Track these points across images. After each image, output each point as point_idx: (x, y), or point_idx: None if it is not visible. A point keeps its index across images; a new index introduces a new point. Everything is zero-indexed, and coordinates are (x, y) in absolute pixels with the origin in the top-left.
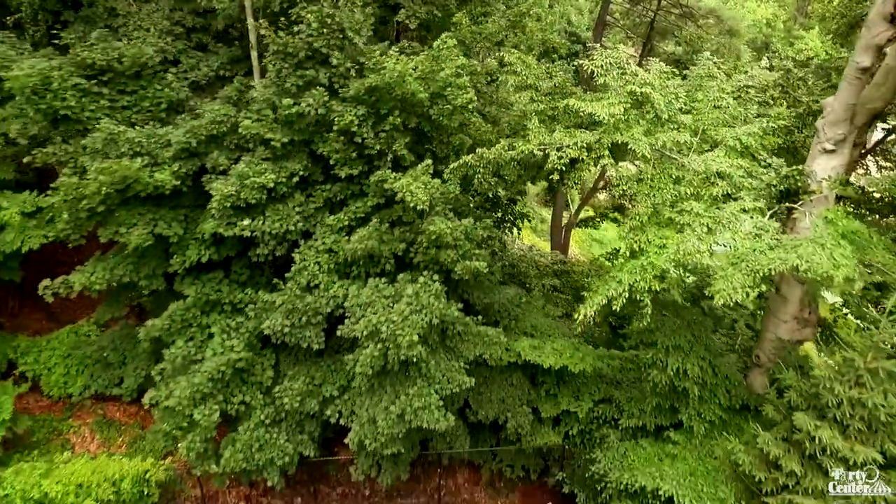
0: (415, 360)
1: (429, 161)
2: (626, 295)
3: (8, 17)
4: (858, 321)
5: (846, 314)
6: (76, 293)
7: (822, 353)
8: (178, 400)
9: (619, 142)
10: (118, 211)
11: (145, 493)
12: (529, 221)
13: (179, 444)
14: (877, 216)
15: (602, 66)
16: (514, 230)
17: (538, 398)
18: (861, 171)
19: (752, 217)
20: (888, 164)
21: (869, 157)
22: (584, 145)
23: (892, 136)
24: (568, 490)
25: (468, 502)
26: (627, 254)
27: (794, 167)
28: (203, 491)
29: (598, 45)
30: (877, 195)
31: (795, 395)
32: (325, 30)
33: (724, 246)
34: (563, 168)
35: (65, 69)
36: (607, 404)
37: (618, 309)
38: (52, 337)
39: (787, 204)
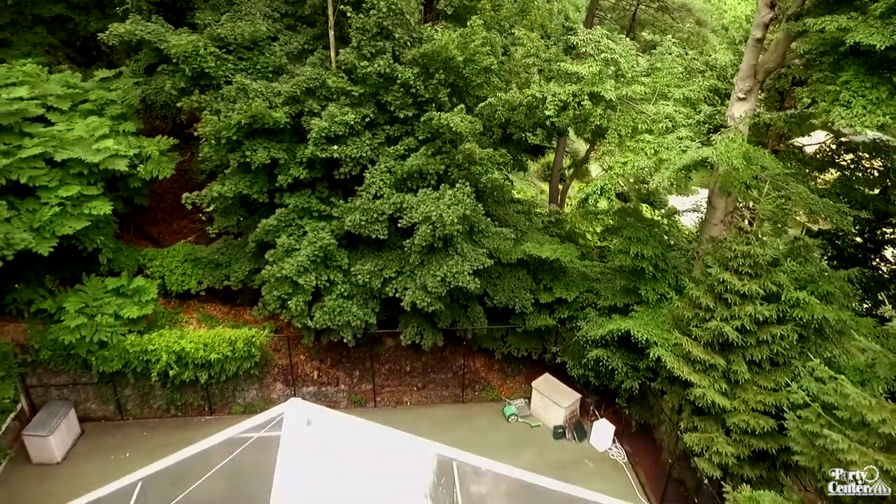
0: (453, 238)
1: (462, 106)
2: (599, 192)
3: (117, 8)
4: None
5: None
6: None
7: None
8: (288, 271)
9: (596, 92)
10: (245, 141)
11: (251, 351)
12: (534, 160)
13: (288, 303)
14: (807, 169)
15: (584, 39)
16: (520, 171)
17: (538, 290)
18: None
19: (682, 141)
20: None
21: None
22: (571, 92)
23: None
24: (560, 360)
25: (485, 380)
26: (603, 169)
27: (716, 109)
28: (290, 360)
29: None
30: (809, 151)
31: (711, 258)
32: (390, 12)
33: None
34: (557, 109)
35: (203, 41)
36: (590, 293)
37: (593, 203)
38: (170, 248)
39: (711, 135)
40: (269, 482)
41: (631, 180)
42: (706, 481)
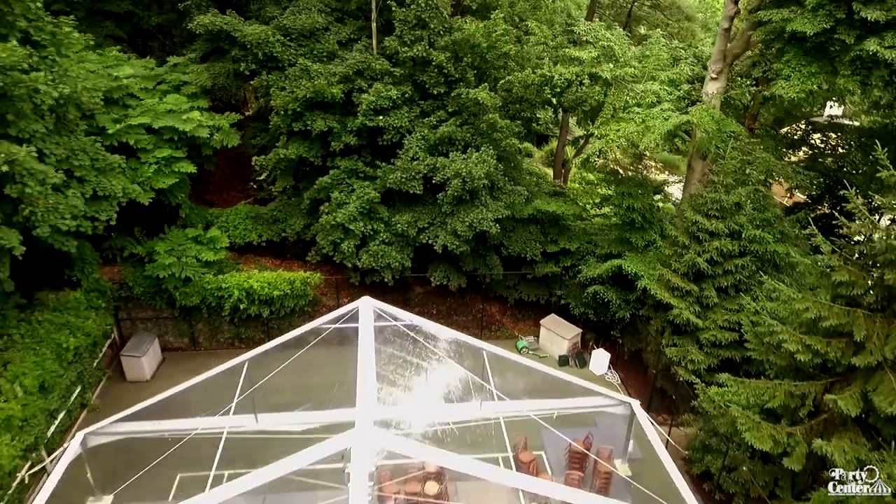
0: (478, 192)
1: (485, 84)
2: (598, 153)
3: (180, 4)
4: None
5: None
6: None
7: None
8: (342, 218)
9: (595, 73)
10: (306, 113)
11: (306, 290)
12: (538, 149)
13: (340, 245)
14: (781, 147)
15: (584, 30)
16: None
17: (546, 242)
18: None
19: (665, 112)
20: None
21: None
22: (574, 73)
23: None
24: (564, 302)
25: (499, 322)
26: (599, 136)
27: (693, 86)
28: (338, 301)
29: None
30: (783, 131)
31: (686, 204)
32: (427, 6)
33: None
34: (562, 87)
35: (271, 30)
36: (589, 244)
37: (593, 161)
38: (233, 207)
39: (689, 108)
40: (349, 359)
41: (625, 143)
42: (681, 380)
